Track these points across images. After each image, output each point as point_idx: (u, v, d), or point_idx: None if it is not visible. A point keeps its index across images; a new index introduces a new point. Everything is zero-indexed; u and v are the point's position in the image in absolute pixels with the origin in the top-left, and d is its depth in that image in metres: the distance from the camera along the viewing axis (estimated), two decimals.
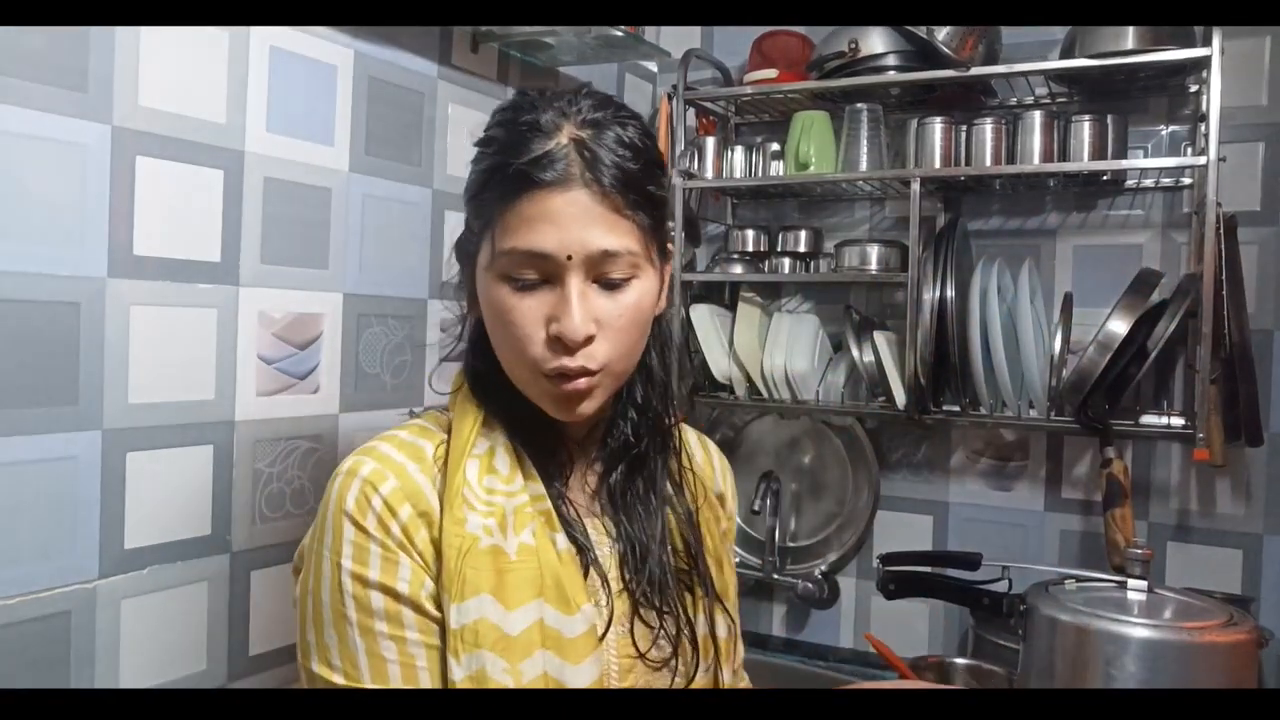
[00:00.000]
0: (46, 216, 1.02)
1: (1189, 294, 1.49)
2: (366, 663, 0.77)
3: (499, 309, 0.81)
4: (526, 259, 0.79)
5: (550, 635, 0.79)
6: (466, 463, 0.82)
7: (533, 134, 0.79)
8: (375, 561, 0.78)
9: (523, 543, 0.80)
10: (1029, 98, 1.71)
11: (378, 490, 0.79)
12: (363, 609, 0.78)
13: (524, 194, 0.78)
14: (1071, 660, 1.16)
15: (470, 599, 0.77)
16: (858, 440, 1.88)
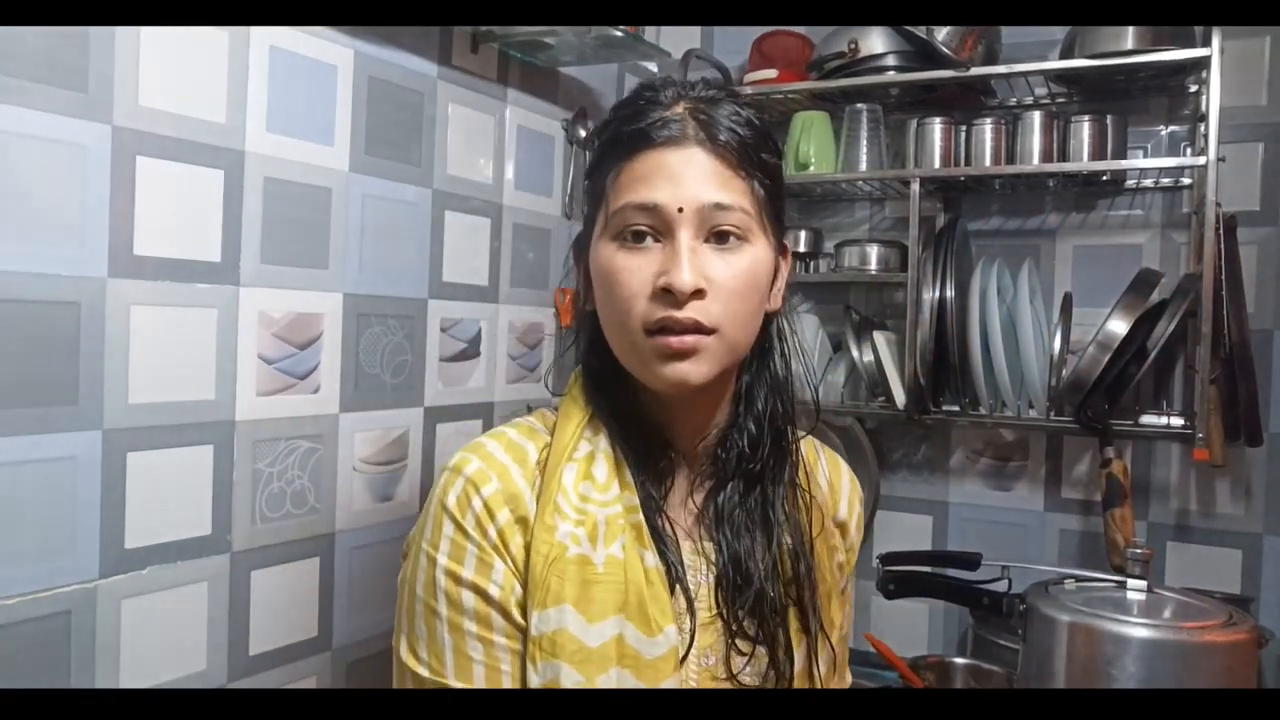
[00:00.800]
0: (47, 216, 1.02)
1: (1188, 294, 1.49)
2: (452, 659, 0.78)
3: (608, 271, 0.80)
4: (638, 212, 0.78)
5: (629, 653, 0.77)
6: (564, 467, 0.81)
7: (650, 105, 0.81)
8: (470, 561, 0.78)
9: (610, 555, 0.79)
10: (1029, 98, 1.71)
11: (479, 491, 0.79)
12: (454, 606, 0.78)
13: (639, 152, 0.79)
14: (1071, 660, 1.16)
15: (552, 608, 0.77)
16: (857, 440, 1.88)
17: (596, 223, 0.83)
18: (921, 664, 1.60)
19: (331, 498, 1.37)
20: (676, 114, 0.80)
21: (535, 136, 1.74)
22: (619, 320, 0.80)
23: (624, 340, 0.81)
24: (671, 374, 0.78)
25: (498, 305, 1.66)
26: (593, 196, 0.84)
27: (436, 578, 0.79)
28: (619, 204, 0.79)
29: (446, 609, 0.78)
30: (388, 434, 1.46)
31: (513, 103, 1.68)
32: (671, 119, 0.79)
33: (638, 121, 0.79)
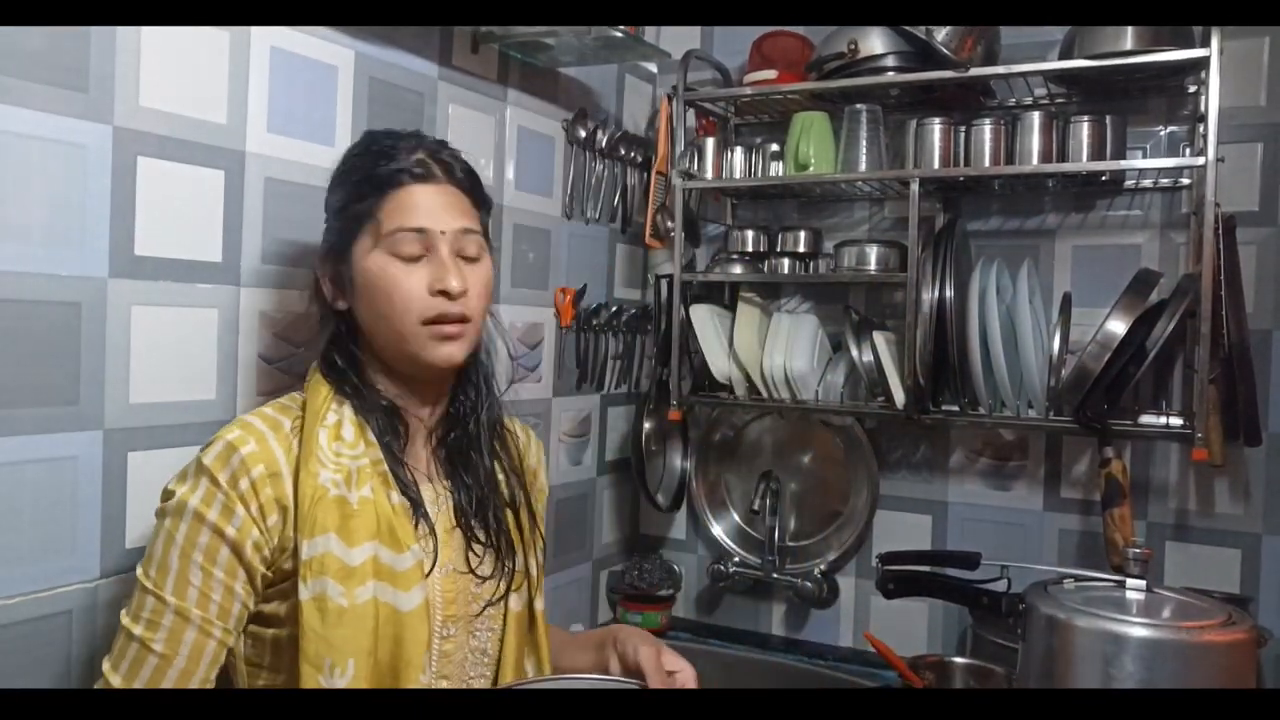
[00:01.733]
0: (48, 217, 1.03)
1: (1188, 294, 1.49)
2: (173, 580, 0.94)
3: (387, 280, 1.02)
4: (410, 235, 1.02)
5: (383, 569, 0.99)
6: (318, 430, 1.00)
7: (397, 150, 1.05)
8: (216, 506, 0.95)
9: (362, 496, 1.00)
10: (1028, 98, 1.71)
11: (237, 450, 0.96)
12: (189, 540, 0.95)
13: (403, 187, 1.03)
14: (1070, 660, 1.16)
15: (319, 536, 0.96)
16: (857, 440, 1.89)
17: (360, 239, 1.03)
18: (921, 663, 1.60)
19: None
20: (422, 158, 1.05)
21: (535, 137, 1.74)
22: (397, 314, 1.02)
23: (399, 330, 1.03)
24: (443, 354, 1.04)
25: (498, 305, 1.66)
26: (352, 218, 1.04)
27: (184, 516, 0.95)
28: (392, 226, 1.02)
29: (183, 540, 0.95)
30: None
31: (513, 103, 1.68)
32: (422, 161, 1.04)
33: (396, 162, 1.03)
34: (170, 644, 0.94)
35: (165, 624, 0.94)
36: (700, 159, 1.87)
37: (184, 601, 0.94)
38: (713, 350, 1.82)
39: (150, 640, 0.94)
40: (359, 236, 1.03)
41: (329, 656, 0.95)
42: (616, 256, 1.99)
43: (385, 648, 0.99)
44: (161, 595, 0.94)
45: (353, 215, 1.04)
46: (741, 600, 2.00)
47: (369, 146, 1.07)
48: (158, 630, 0.93)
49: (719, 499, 2.03)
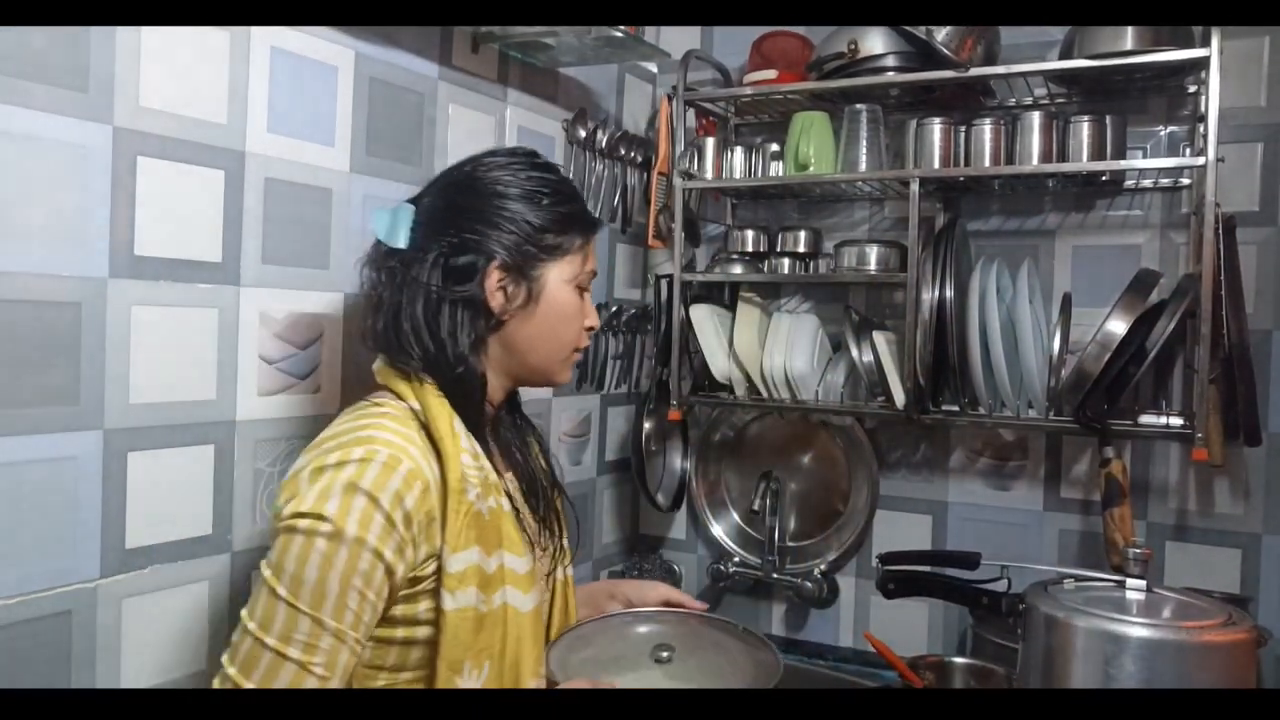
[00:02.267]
0: (48, 217, 1.03)
1: (1188, 294, 1.49)
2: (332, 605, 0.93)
3: (574, 310, 1.14)
4: (590, 276, 1.17)
5: (509, 573, 1.04)
6: (458, 451, 1.02)
7: (578, 193, 1.19)
8: (376, 529, 0.94)
9: (490, 507, 1.04)
10: (1028, 98, 1.71)
11: (396, 470, 0.96)
12: (350, 565, 0.93)
13: (594, 234, 1.17)
14: (1070, 660, 1.16)
15: (463, 551, 0.99)
16: (857, 440, 1.89)
17: (556, 267, 1.11)
18: (921, 663, 1.60)
19: None
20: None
21: (535, 137, 1.74)
22: (568, 339, 1.14)
23: (559, 351, 1.14)
24: (567, 376, 1.19)
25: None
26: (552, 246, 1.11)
27: (344, 541, 0.92)
28: (590, 268, 1.16)
29: (344, 566, 0.92)
30: None
31: (513, 103, 1.68)
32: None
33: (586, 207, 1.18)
34: (329, 666, 0.93)
35: (324, 647, 0.92)
36: (700, 159, 1.87)
37: (341, 624, 0.93)
38: (713, 350, 1.82)
39: (310, 664, 0.92)
40: (558, 263, 1.11)
41: (468, 660, 0.99)
42: (617, 256, 1.99)
43: (512, 648, 1.03)
44: (320, 619, 0.92)
45: (557, 244, 1.11)
46: (741, 600, 2.00)
47: (564, 181, 1.16)
48: (316, 653, 0.92)
49: (719, 499, 2.03)
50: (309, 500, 0.93)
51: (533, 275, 1.09)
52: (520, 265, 1.08)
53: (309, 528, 0.92)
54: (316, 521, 0.92)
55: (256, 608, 0.93)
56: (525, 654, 1.05)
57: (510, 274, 1.08)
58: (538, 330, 1.10)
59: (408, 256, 1.08)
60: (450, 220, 1.08)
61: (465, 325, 1.07)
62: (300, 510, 0.93)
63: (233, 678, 0.93)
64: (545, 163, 1.15)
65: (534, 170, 1.12)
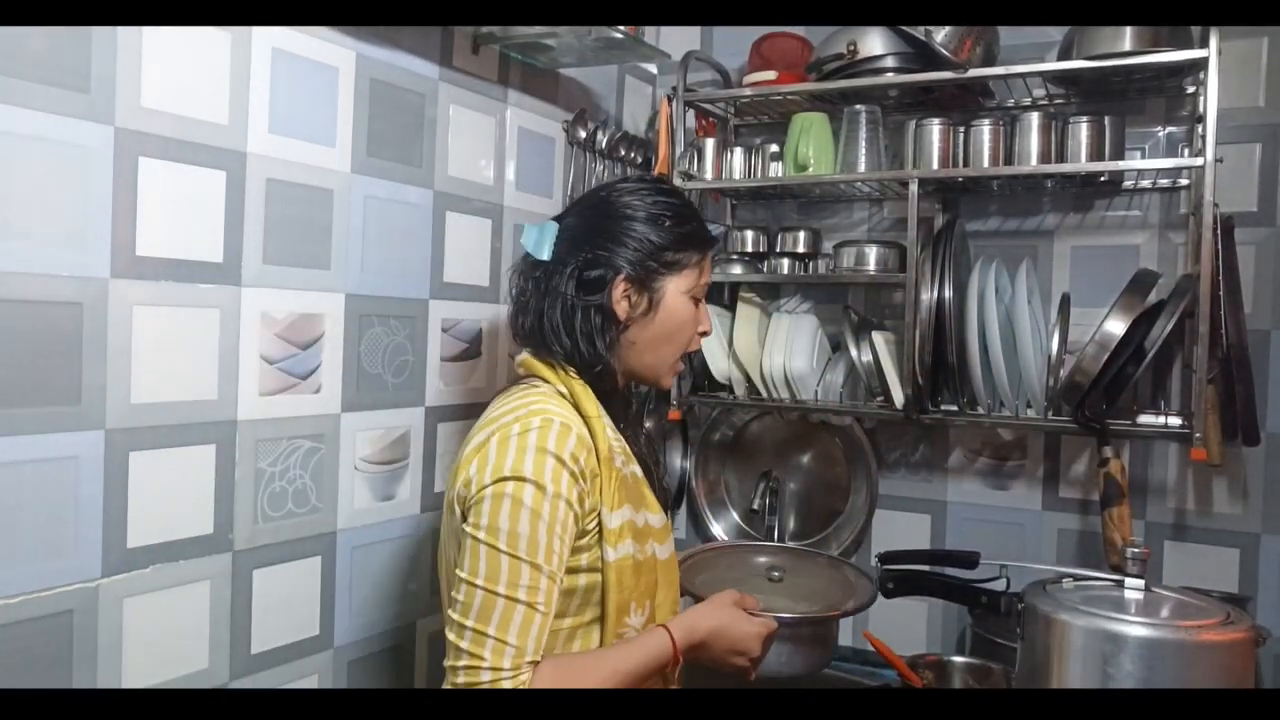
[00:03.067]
0: (49, 217, 1.03)
1: (1186, 294, 1.49)
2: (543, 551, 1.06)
3: (689, 319, 1.26)
4: (705, 288, 1.29)
5: (650, 528, 1.21)
6: (602, 425, 1.17)
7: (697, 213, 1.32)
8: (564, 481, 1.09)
9: (634, 472, 1.21)
10: (1027, 99, 1.72)
11: (571, 431, 1.12)
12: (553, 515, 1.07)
13: (709, 250, 1.29)
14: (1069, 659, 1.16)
15: (618, 509, 1.15)
16: (856, 440, 1.89)
17: (676, 279, 1.23)
18: (920, 663, 1.60)
19: (333, 497, 1.37)
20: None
21: (536, 138, 1.75)
22: (679, 345, 1.26)
23: (669, 356, 1.26)
24: (671, 380, 1.32)
25: (499, 305, 1.66)
26: (673, 261, 1.23)
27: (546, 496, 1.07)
28: (705, 281, 1.28)
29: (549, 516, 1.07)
30: (389, 434, 1.46)
31: (513, 104, 1.69)
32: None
33: (706, 227, 1.30)
34: (548, 603, 1.07)
35: (543, 587, 1.06)
36: (700, 160, 1.88)
37: (550, 566, 1.07)
38: (712, 350, 1.83)
39: (535, 604, 1.05)
40: (677, 278, 1.23)
41: (633, 602, 1.15)
42: None
43: (659, 591, 1.20)
44: (537, 564, 1.06)
45: (675, 260, 1.23)
46: None
47: (687, 203, 1.30)
48: (538, 594, 1.06)
49: (719, 498, 2.03)
50: (508, 464, 1.07)
51: (653, 287, 1.22)
52: (642, 278, 1.21)
53: (515, 489, 1.06)
54: (520, 482, 1.07)
55: (479, 565, 1.05)
56: (667, 597, 1.22)
57: (633, 285, 1.21)
58: (654, 335, 1.23)
59: (549, 268, 1.22)
60: (586, 238, 1.22)
61: (598, 329, 1.21)
62: (503, 474, 1.07)
63: (473, 629, 1.04)
64: (670, 188, 1.29)
65: (659, 195, 1.25)
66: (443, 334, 1.55)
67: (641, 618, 1.17)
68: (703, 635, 1.18)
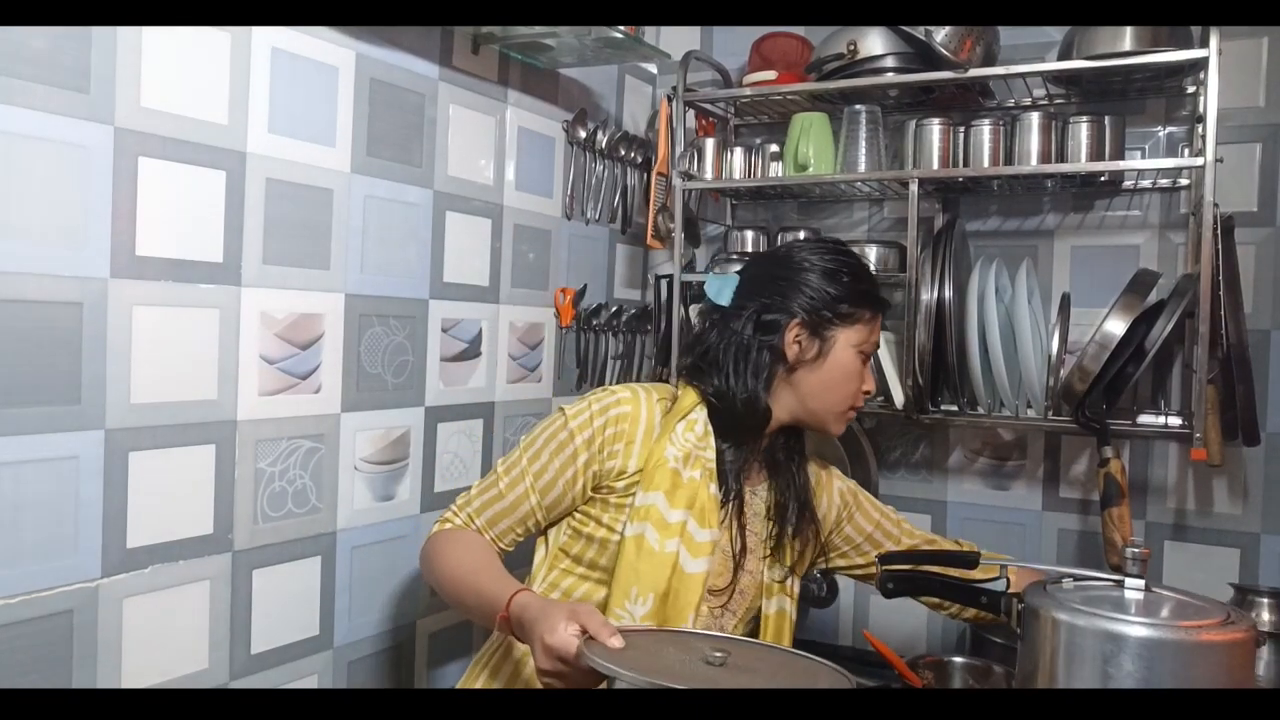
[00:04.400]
0: (49, 217, 1.03)
1: (1186, 294, 1.49)
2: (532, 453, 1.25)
3: (855, 374, 1.30)
4: (874, 347, 1.33)
5: (688, 535, 1.23)
6: (679, 422, 1.26)
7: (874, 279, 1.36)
8: (579, 420, 1.24)
9: (690, 476, 1.25)
10: (1027, 99, 1.72)
11: (618, 401, 1.26)
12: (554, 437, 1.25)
13: (883, 311, 1.34)
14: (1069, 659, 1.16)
15: (651, 492, 1.22)
16: (856, 439, 1.89)
17: (846, 332, 1.28)
18: (920, 663, 1.60)
19: (333, 497, 1.37)
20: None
21: (536, 138, 1.75)
22: (845, 397, 1.30)
23: (834, 406, 1.30)
24: (840, 430, 1.35)
25: (498, 305, 1.67)
26: (847, 315, 1.28)
27: (564, 425, 1.25)
28: (874, 340, 1.32)
29: (551, 435, 1.25)
30: (389, 433, 1.46)
31: (513, 104, 1.69)
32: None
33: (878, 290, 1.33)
34: (510, 485, 1.24)
35: (514, 472, 1.25)
36: (700, 160, 1.88)
37: (529, 465, 1.24)
38: None
39: (502, 477, 1.25)
40: (846, 330, 1.28)
41: (635, 585, 1.20)
42: (616, 257, 1.99)
43: (673, 596, 1.22)
44: (521, 455, 1.25)
45: (849, 314, 1.28)
46: None
47: (861, 264, 1.33)
48: (508, 473, 1.25)
49: None
50: (569, 409, 1.26)
51: (825, 335, 1.28)
52: (815, 325, 1.27)
53: (555, 417, 1.27)
54: (561, 414, 1.26)
55: (508, 454, 1.28)
56: (682, 606, 1.23)
57: (806, 330, 1.27)
58: (821, 381, 1.29)
59: (727, 311, 1.31)
60: (765, 285, 1.30)
61: (765, 366, 1.28)
62: (559, 409, 1.27)
63: (472, 485, 1.28)
64: (847, 249, 1.35)
65: (838, 253, 1.32)
66: (443, 334, 1.55)
67: (643, 608, 1.20)
68: (531, 615, 1.04)
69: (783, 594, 1.37)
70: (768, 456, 1.36)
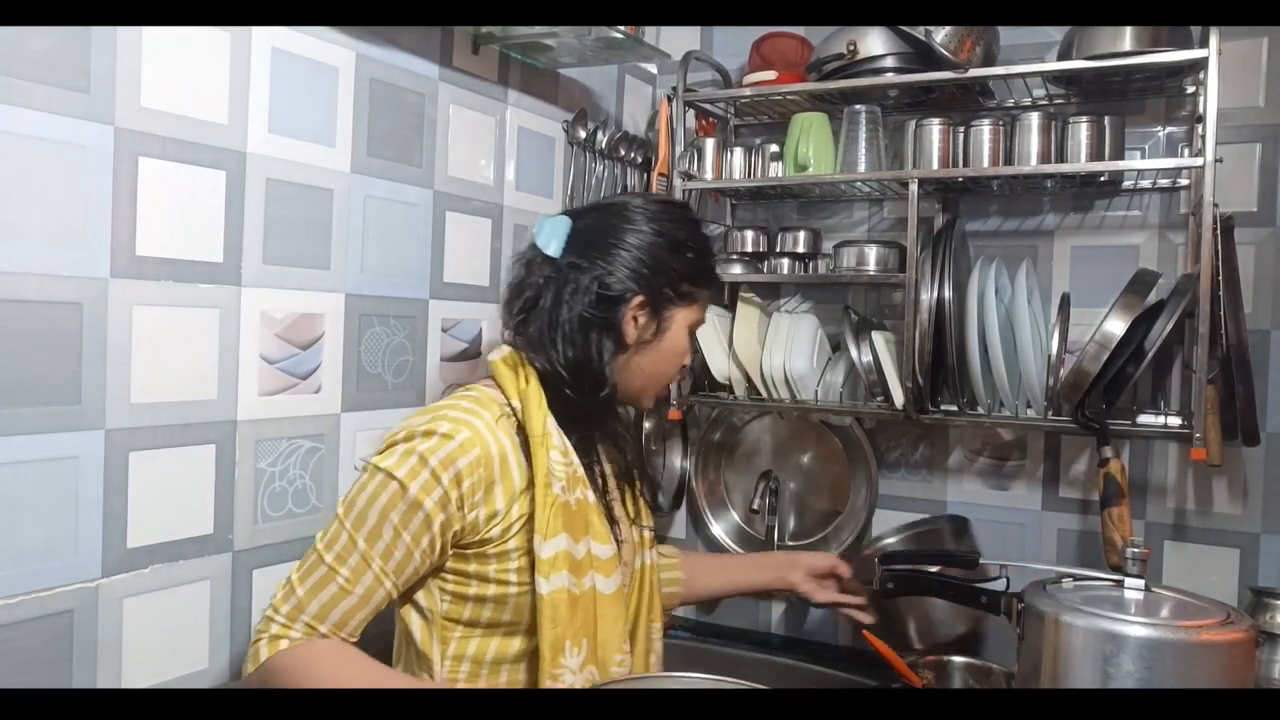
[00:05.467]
0: (49, 217, 1.03)
1: (1186, 294, 1.49)
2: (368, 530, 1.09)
3: (685, 350, 1.26)
4: (700, 324, 1.29)
5: (594, 559, 1.15)
6: (546, 449, 1.13)
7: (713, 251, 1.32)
8: (419, 482, 1.08)
9: (578, 499, 1.15)
10: (1027, 99, 1.72)
11: (453, 439, 1.09)
12: (390, 503, 1.08)
13: (717, 289, 1.30)
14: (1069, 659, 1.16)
15: (553, 538, 1.10)
16: (856, 440, 1.89)
17: (685, 310, 1.24)
18: (920, 663, 1.60)
19: (333, 497, 1.37)
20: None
21: (536, 138, 1.75)
22: (672, 373, 1.28)
23: (661, 382, 1.27)
24: (650, 404, 1.32)
25: (498, 305, 1.66)
26: (687, 293, 1.23)
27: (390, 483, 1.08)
28: (704, 316, 1.29)
29: (385, 501, 1.08)
30: None
31: (513, 104, 1.69)
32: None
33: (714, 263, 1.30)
34: (352, 581, 1.08)
35: (352, 562, 1.08)
36: (700, 160, 1.88)
37: (371, 550, 1.08)
38: (712, 350, 1.83)
39: (338, 570, 1.08)
40: (685, 309, 1.24)
41: (569, 640, 1.10)
42: None
43: (601, 627, 1.15)
44: (354, 536, 1.08)
45: (689, 293, 1.24)
46: (741, 600, 2.00)
47: (707, 236, 1.30)
48: (344, 565, 1.08)
49: (719, 499, 2.03)
50: (392, 460, 1.09)
51: (664, 315, 1.22)
52: (656, 304, 1.21)
53: (381, 481, 1.09)
54: (388, 478, 1.09)
55: (327, 531, 1.11)
56: (611, 632, 1.16)
57: (646, 310, 1.21)
58: (653, 362, 1.23)
59: (564, 271, 1.19)
60: (604, 248, 1.19)
61: (607, 347, 1.19)
62: (380, 465, 1.10)
63: (292, 580, 1.11)
64: (696, 218, 1.30)
65: (685, 224, 1.26)
66: (443, 334, 1.55)
67: (579, 657, 1.11)
68: None
69: (646, 547, 1.33)
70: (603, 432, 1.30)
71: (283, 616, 1.08)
